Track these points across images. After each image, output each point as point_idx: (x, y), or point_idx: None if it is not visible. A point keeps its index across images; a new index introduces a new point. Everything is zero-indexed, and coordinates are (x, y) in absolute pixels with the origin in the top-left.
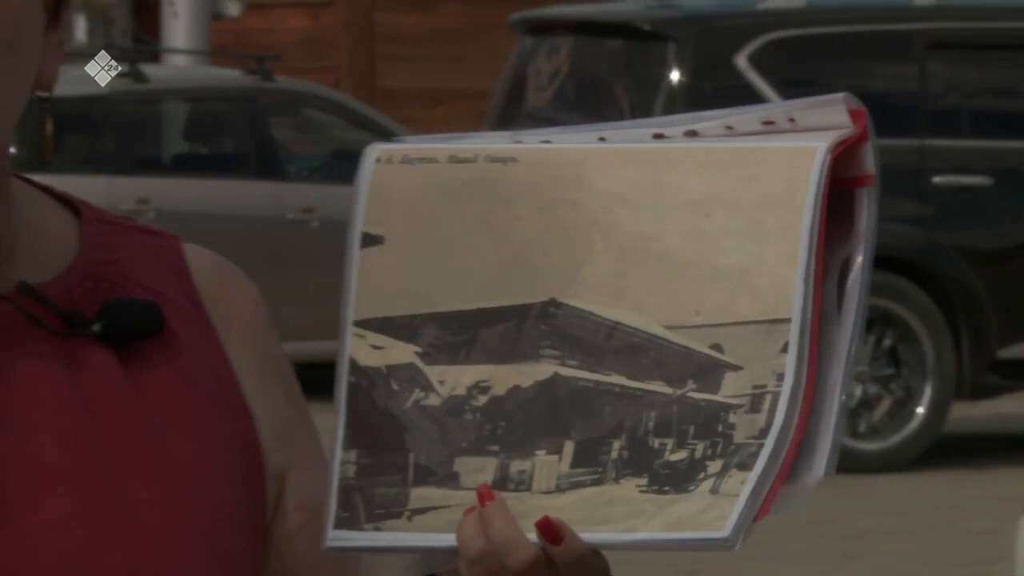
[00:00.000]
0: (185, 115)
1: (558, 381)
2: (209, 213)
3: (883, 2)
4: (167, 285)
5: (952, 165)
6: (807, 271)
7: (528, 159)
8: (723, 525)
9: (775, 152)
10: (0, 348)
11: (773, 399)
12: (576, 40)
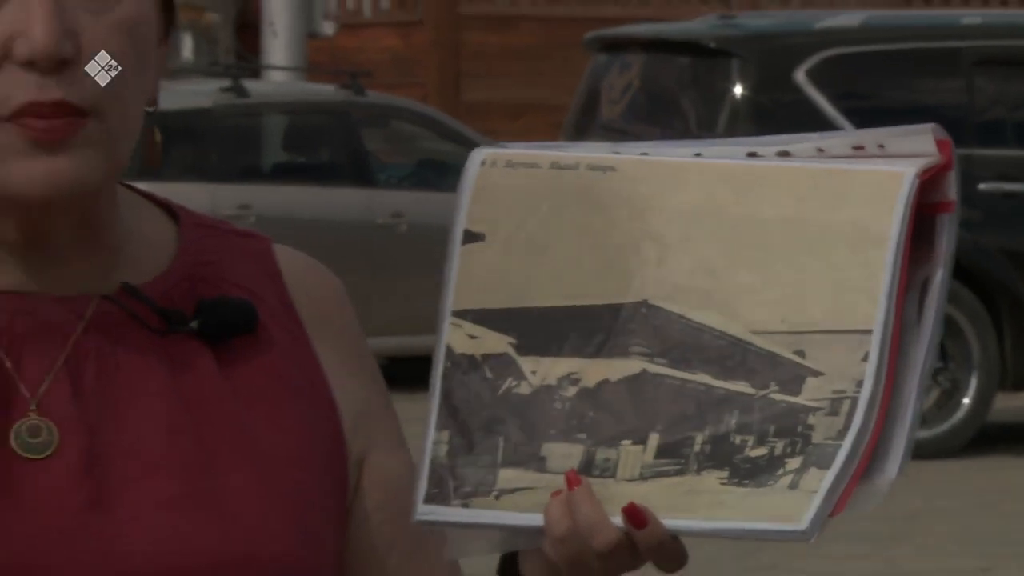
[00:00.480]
0: (283, 127)
1: (646, 377)
2: (305, 218)
3: (932, 21)
4: (260, 285)
5: (997, 173)
6: (891, 288)
7: (626, 169)
8: (801, 518)
9: (866, 175)
10: (105, 345)
11: (852, 404)
12: (646, 57)
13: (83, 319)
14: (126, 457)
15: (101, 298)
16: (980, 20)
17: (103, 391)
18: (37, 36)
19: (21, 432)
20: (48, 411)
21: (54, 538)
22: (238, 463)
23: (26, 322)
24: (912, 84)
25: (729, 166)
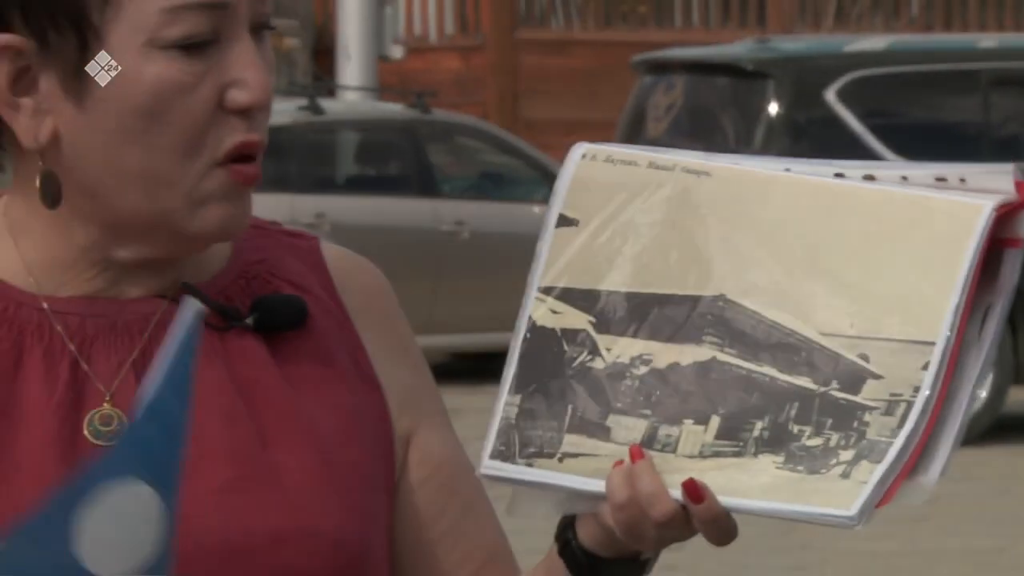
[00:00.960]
0: (355, 143)
1: (715, 364)
2: (376, 225)
3: (952, 45)
4: (309, 279)
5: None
6: (957, 307)
7: (720, 175)
8: (851, 505)
9: (947, 203)
10: (167, 341)
11: (907, 407)
12: (688, 78)
13: (152, 320)
14: (191, 443)
15: (168, 300)
16: (996, 44)
17: None
18: (255, 87)
19: (94, 421)
20: (120, 403)
21: None
22: (293, 445)
23: (97, 323)
24: (933, 103)
25: (817, 182)
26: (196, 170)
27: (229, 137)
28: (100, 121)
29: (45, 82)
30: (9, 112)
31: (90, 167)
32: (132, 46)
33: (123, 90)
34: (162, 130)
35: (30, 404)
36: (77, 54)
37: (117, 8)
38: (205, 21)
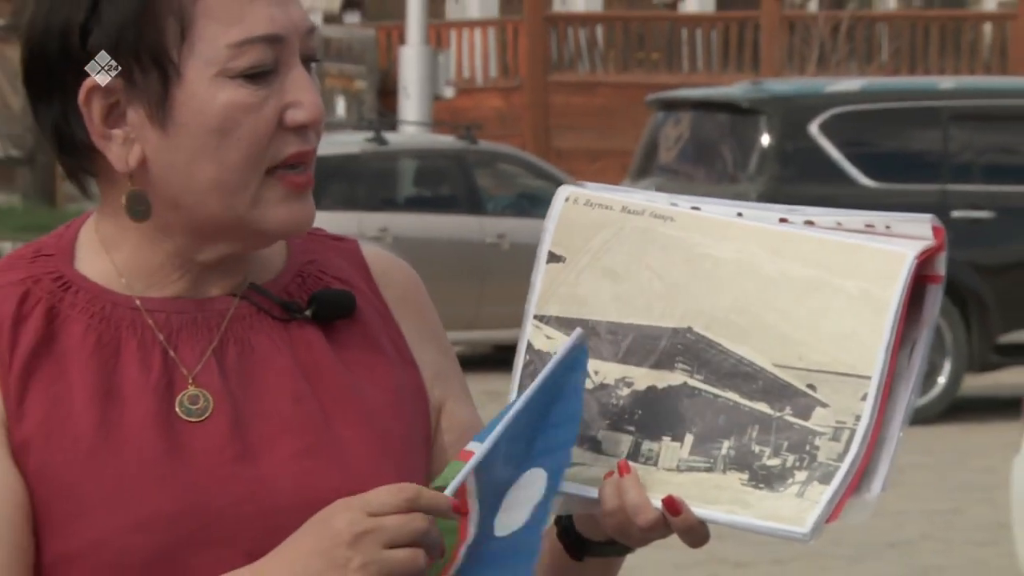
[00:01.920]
0: (414, 168)
1: (686, 388)
2: (431, 238)
3: (916, 86)
4: (353, 276)
5: (966, 203)
6: (888, 344)
7: (683, 220)
8: (805, 522)
9: (875, 251)
10: (241, 332)
11: (850, 434)
12: (694, 114)
13: (226, 315)
14: (262, 419)
15: (239, 298)
16: (954, 85)
17: (242, 369)
18: (309, 107)
19: (183, 401)
20: (202, 384)
21: (214, 483)
22: (349, 419)
23: (181, 319)
24: (901, 135)
25: (765, 228)
26: (258, 178)
27: (286, 149)
28: (181, 143)
29: (133, 114)
30: (103, 142)
31: (173, 183)
32: (205, 77)
33: (199, 115)
34: (232, 146)
35: (130, 386)
36: (159, 87)
37: (191, 46)
38: (265, 53)
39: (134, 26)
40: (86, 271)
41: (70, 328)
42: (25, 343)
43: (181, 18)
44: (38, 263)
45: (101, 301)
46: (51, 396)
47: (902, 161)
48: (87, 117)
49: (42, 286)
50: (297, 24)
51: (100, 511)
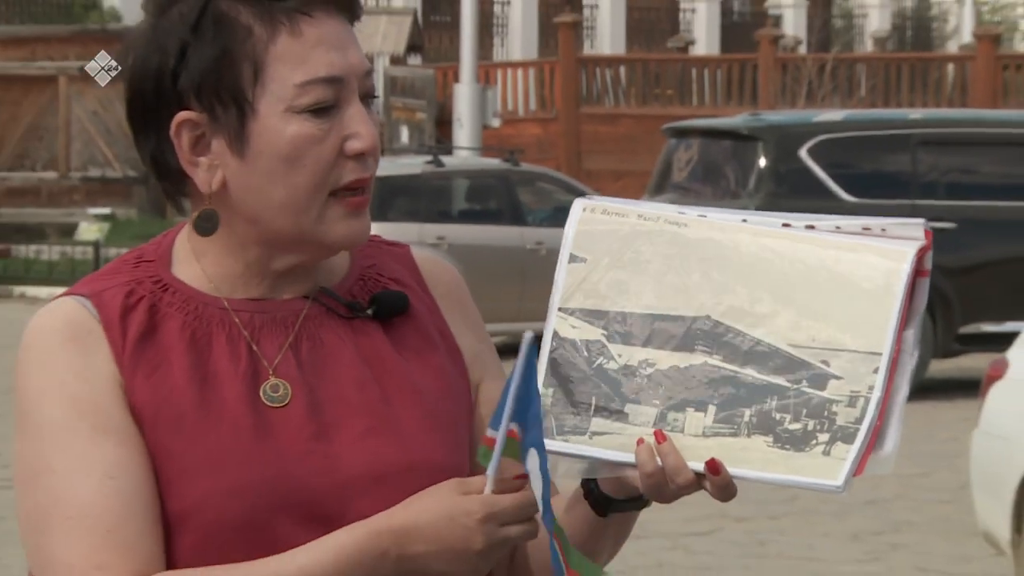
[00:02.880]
0: (465, 187)
1: (706, 367)
2: (480, 245)
3: (890, 116)
4: (406, 277)
5: (932, 216)
6: (896, 325)
7: (694, 225)
8: (838, 477)
9: (879, 248)
10: (312, 329)
11: (865, 401)
12: (702, 140)
13: (300, 315)
14: (333, 404)
15: (310, 300)
16: (921, 116)
17: (314, 361)
18: (367, 138)
19: (266, 390)
20: (281, 374)
21: (294, 459)
22: (405, 402)
23: (262, 318)
24: (877, 158)
25: (774, 231)
26: (322, 199)
27: (347, 175)
28: (256, 168)
29: (215, 144)
30: (191, 168)
31: (250, 202)
32: (276, 112)
33: (271, 145)
34: (299, 172)
35: (222, 374)
36: (237, 122)
37: (264, 86)
38: (327, 92)
39: (215, 70)
40: (181, 275)
41: (168, 323)
42: (132, 333)
43: (255, 63)
44: (140, 267)
45: (194, 301)
46: (155, 379)
47: (877, 180)
48: (177, 147)
49: (144, 287)
50: (355, 67)
51: (200, 477)
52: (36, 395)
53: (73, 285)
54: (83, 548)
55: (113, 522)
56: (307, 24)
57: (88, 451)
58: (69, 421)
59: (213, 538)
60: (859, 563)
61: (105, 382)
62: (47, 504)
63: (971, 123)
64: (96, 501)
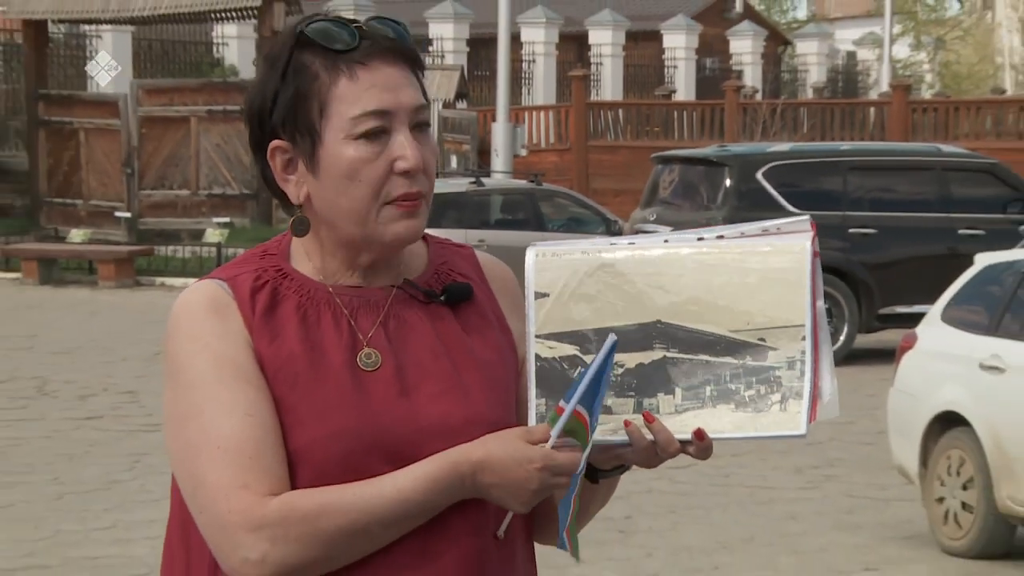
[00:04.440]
0: (500, 202)
1: (667, 359)
2: (511, 246)
3: (826, 147)
4: (471, 272)
5: (859, 224)
6: (811, 300)
7: (627, 252)
8: (799, 426)
9: (781, 243)
10: (398, 311)
11: (801, 363)
12: (682, 165)
13: (388, 299)
14: (413, 370)
15: (396, 288)
16: (850, 147)
17: (399, 335)
18: (412, 159)
19: (362, 357)
20: (374, 345)
21: (383, 412)
22: (470, 370)
23: (358, 301)
24: (815, 180)
25: (694, 246)
26: (377, 208)
27: (396, 189)
28: (326, 184)
29: (300, 165)
30: (284, 184)
31: (326, 211)
32: (337, 139)
33: (335, 166)
34: (357, 186)
35: (328, 344)
36: (310, 148)
37: (328, 119)
38: (377, 121)
39: (293, 107)
40: (297, 267)
41: (286, 303)
42: (259, 308)
43: (321, 102)
44: (265, 259)
45: (307, 287)
46: (275, 345)
47: (817, 197)
48: (273, 168)
49: (268, 274)
50: (403, 103)
51: (310, 425)
52: (186, 354)
53: (206, 274)
54: (230, 472)
55: (253, 451)
56: (363, 70)
57: (230, 395)
58: (214, 373)
59: (323, 473)
60: (801, 490)
61: (240, 343)
62: (198, 440)
63: (888, 153)
64: (239, 434)
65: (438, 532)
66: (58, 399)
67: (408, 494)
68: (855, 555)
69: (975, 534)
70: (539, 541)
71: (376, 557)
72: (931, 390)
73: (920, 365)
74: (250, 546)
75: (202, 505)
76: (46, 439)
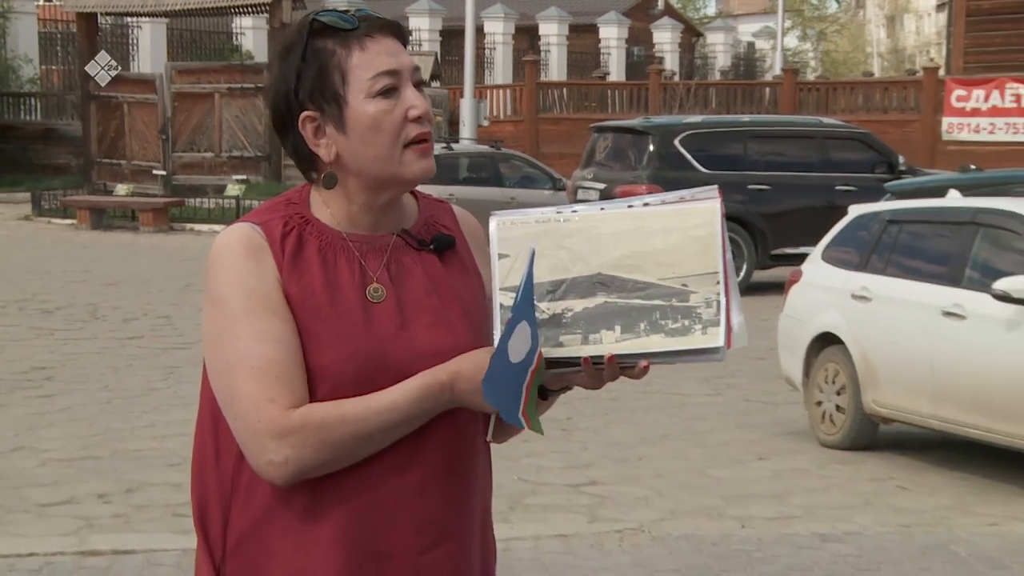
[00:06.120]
0: (468, 163)
1: (607, 303)
2: (475, 199)
3: (730, 120)
4: (452, 225)
5: (756, 182)
6: (723, 251)
7: (574, 218)
8: (718, 342)
9: (698, 207)
10: (397, 255)
11: (717, 302)
12: (614, 134)
13: (389, 245)
14: (410, 304)
15: (395, 235)
16: (749, 119)
17: (398, 274)
18: (421, 107)
19: (370, 291)
20: (380, 282)
21: (387, 337)
22: (453, 306)
23: (367, 246)
24: (722, 145)
25: (624, 211)
26: (399, 151)
27: (412, 131)
28: (355, 139)
29: (328, 129)
30: (316, 148)
31: (355, 162)
32: (360, 100)
33: (361, 122)
34: (381, 135)
35: (343, 281)
36: (338, 112)
37: (349, 85)
38: (389, 80)
39: (319, 82)
40: (317, 215)
41: (309, 246)
42: (287, 250)
43: (342, 72)
44: (290, 207)
45: (326, 233)
46: (302, 282)
47: (722, 159)
48: (305, 136)
49: (294, 220)
50: (405, 64)
51: (329, 347)
52: (225, 287)
53: (231, 220)
54: (261, 386)
55: (280, 371)
56: (371, 42)
57: (262, 324)
58: (249, 304)
59: (339, 388)
60: (707, 396)
61: (271, 280)
62: (234, 359)
63: (779, 124)
64: (269, 356)
65: (424, 437)
66: (107, 322)
67: (401, 404)
68: (750, 447)
69: (846, 430)
70: (498, 439)
71: (375, 460)
72: (812, 315)
73: (804, 295)
74: (275, 450)
75: (236, 413)
76: (97, 355)
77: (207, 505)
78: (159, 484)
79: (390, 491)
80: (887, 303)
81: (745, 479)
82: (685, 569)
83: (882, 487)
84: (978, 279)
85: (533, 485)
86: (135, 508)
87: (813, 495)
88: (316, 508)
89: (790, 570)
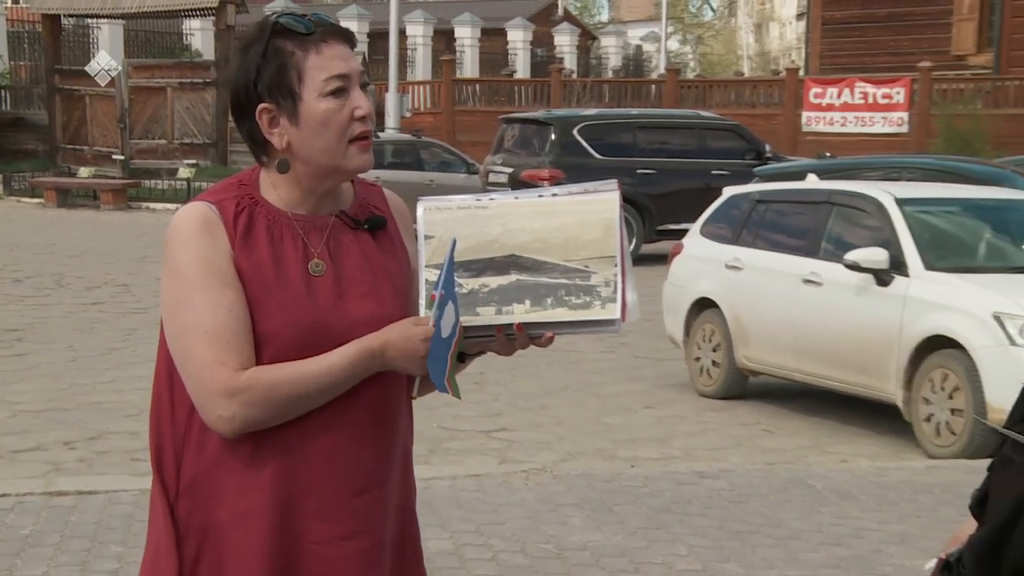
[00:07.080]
0: (392, 150)
1: (519, 281)
2: (399, 182)
3: (622, 113)
4: (382, 205)
5: (643, 166)
6: (620, 236)
7: (490, 206)
8: (614, 314)
9: (599, 197)
10: (336, 234)
11: (614, 282)
12: (520, 125)
13: (329, 224)
14: (346, 278)
15: (335, 216)
16: (638, 112)
17: (337, 251)
18: (365, 107)
19: (312, 266)
20: (320, 257)
21: (327, 307)
22: (384, 279)
23: (309, 225)
24: (614, 135)
25: (535, 200)
26: (344, 144)
27: (356, 129)
28: (306, 131)
29: (282, 121)
30: (270, 136)
31: (303, 151)
32: (312, 97)
33: (313, 117)
34: (329, 130)
35: (288, 258)
36: (292, 106)
37: (305, 84)
38: (340, 82)
39: (276, 78)
40: (266, 196)
41: (258, 225)
42: (239, 228)
43: (299, 71)
44: (241, 188)
45: (273, 213)
46: (252, 258)
47: (615, 147)
48: (261, 125)
49: (245, 200)
50: (354, 69)
51: (275, 315)
52: (183, 260)
53: (186, 199)
54: (213, 350)
55: (231, 336)
56: (325, 47)
57: (216, 294)
58: (204, 276)
59: (282, 351)
60: (602, 352)
61: (225, 254)
62: (190, 324)
63: (664, 116)
64: (221, 323)
65: (356, 395)
66: (71, 289)
67: (337, 369)
68: (639, 397)
69: (720, 382)
70: (419, 395)
71: (313, 415)
72: (692, 283)
73: (685, 265)
74: (224, 407)
75: (190, 373)
76: (63, 318)
77: (163, 451)
78: (119, 432)
79: (326, 442)
80: (756, 272)
81: (634, 425)
82: (582, 503)
83: (751, 431)
84: (832, 251)
85: (451, 432)
86: (97, 454)
87: (692, 438)
88: (259, 456)
89: (672, 503)
